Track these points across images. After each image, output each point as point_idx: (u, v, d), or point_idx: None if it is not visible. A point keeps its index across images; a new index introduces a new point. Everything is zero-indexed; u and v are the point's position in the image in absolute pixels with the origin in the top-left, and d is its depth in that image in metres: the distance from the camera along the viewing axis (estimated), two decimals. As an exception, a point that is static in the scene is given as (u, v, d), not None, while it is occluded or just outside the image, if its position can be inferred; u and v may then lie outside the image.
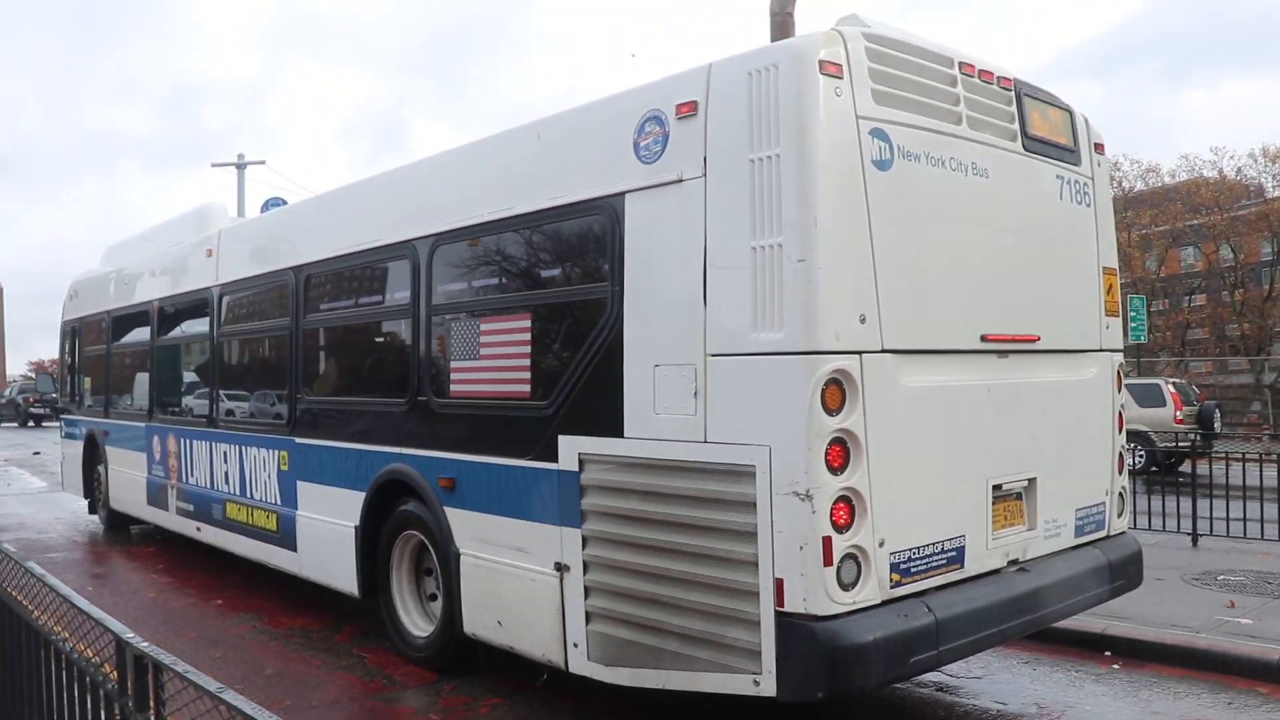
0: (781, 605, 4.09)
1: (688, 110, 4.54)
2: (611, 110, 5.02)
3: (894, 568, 4.28)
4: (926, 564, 4.44)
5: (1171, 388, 18.86)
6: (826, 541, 4.02)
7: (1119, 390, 5.85)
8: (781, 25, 4.67)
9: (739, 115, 4.31)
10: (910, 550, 4.36)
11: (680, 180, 4.55)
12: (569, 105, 4.92)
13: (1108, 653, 6.41)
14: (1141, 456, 17.99)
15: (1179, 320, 51.29)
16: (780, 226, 4.13)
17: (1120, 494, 5.82)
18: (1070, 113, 5.64)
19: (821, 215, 4.08)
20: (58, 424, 50.29)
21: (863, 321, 4.19)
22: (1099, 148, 5.85)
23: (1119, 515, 5.80)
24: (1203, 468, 17.53)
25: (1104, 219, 5.81)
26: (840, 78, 4.21)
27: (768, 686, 4.15)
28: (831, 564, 4.04)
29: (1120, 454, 5.82)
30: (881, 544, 4.22)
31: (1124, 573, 5.61)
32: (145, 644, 2.59)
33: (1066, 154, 5.51)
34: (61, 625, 3.33)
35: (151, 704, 2.60)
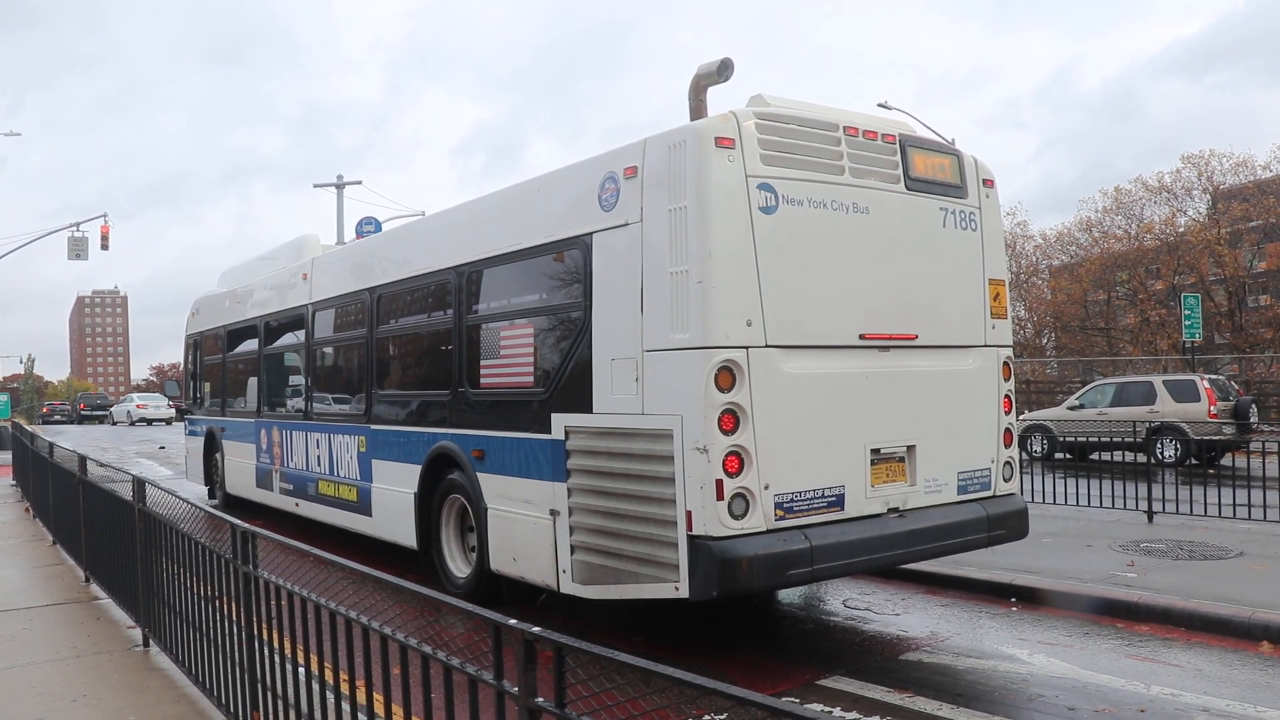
0: (691, 530, 5.68)
1: (631, 172, 6.19)
2: (585, 171, 6.69)
3: (778, 505, 5.83)
4: (808, 505, 5.98)
5: (1206, 383, 19.52)
6: (719, 483, 5.61)
7: (1006, 379, 7.24)
8: (697, 109, 6.24)
9: (662, 176, 5.94)
10: (793, 493, 5.90)
11: (627, 224, 6.19)
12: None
13: (1012, 599, 7.77)
14: (1176, 449, 18.80)
15: (1273, 315, 50.04)
16: (687, 257, 5.74)
17: (1008, 463, 7.21)
18: (958, 156, 7.08)
19: (715, 249, 5.68)
20: (108, 422, 56.73)
21: (749, 325, 5.76)
22: (988, 183, 7.25)
23: (1006, 480, 7.18)
24: (1240, 460, 18.37)
25: (991, 240, 7.20)
26: (732, 148, 5.80)
27: (683, 590, 5.74)
28: (723, 499, 5.61)
29: (1007, 430, 7.21)
30: (767, 487, 5.78)
31: (1004, 525, 6.99)
32: (244, 524, 4.37)
33: (952, 190, 6.95)
34: (196, 529, 5.17)
35: (250, 560, 4.37)
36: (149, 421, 50.13)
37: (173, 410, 49.69)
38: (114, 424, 52.71)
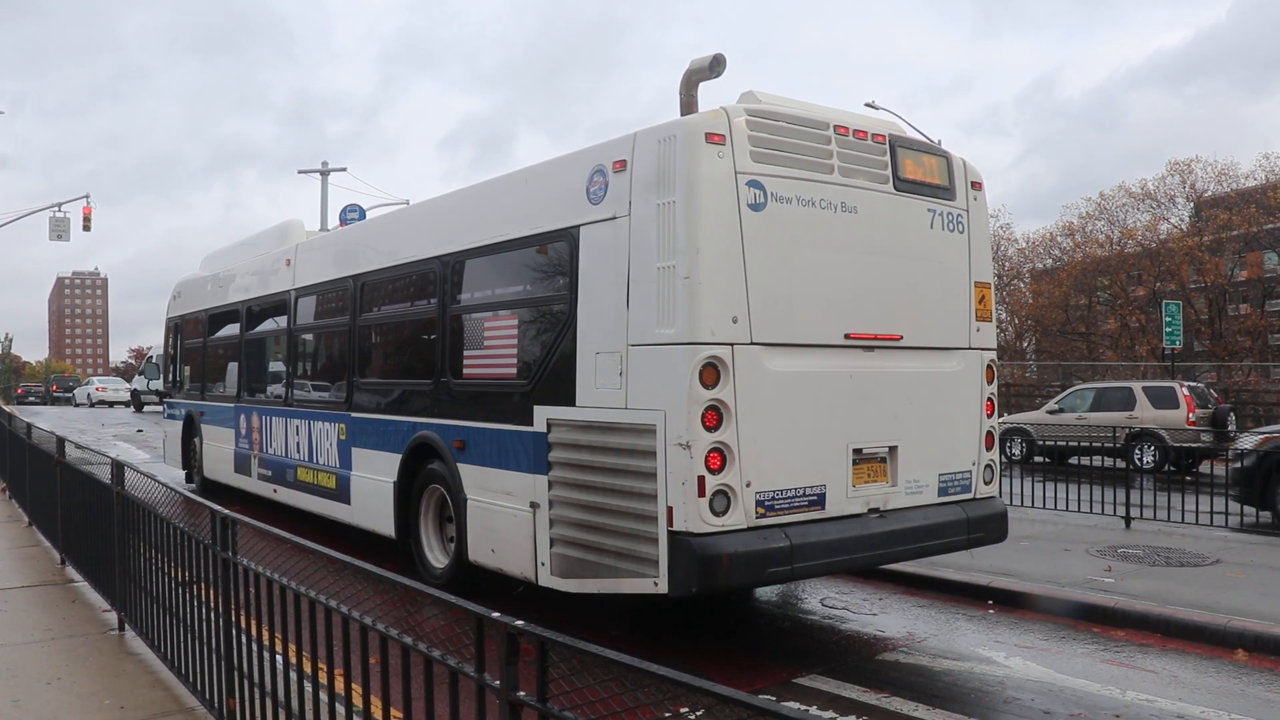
0: (671, 526, 5.68)
1: (620, 166, 6.17)
2: (573, 163, 6.67)
3: (759, 503, 5.83)
4: (789, 503, 5.98)
5: (1186, 391, 19.68)
6: (701, 480, 5.60)
7: (989, 382, 7.26)
8: (687, 105, 6.23)
9: (651, 171, 5.92)
10: (774, 491, 5.91)
11: (615, 217, 6.18)
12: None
13: (990, 601, 7.81)
14: (1155, 455, 18.96)
15: (1252, 324, 50.41)
16: (674, 252, 5.73)
17: (989, 465, 7.23)
18: (947, 158, 7.09)
19: (702, 245, 5.67)
20: (72, 403, 58.46)
21: (735, 322, 5.76)
22: (976, 185, 7.27)
23: (986, 483, 7.21)
24: (1218, 467, 18.55)
25: (978, 243, 7.21)
26: (722, 144, 5.79)
27: (662, 586, 5.74)
28: (704, 496, 5.61)
29: (989, 433, 7.24)
30: (748, 485, 5.78)
31: (983, 527, 7.02)
32: (224, 510, 4.34)
33: (940, 191, 6.96)
34: (175, 513, 5.12)
35: (230, 547, 4.34)
36: (109, 404, 51.95)
37: (129, 393, 51.60)
38: (76, 405, 54.96)
